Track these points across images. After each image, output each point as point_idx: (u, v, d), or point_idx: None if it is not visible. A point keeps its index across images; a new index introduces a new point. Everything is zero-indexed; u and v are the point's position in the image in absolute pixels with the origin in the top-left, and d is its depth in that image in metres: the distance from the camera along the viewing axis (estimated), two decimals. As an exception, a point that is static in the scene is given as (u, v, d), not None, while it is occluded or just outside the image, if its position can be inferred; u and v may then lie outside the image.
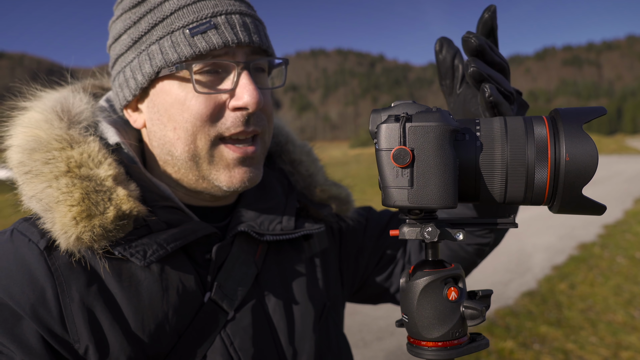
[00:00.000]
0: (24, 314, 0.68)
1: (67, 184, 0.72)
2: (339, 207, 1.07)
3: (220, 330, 0.80)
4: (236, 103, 0.79)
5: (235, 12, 0.80)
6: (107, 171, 0.76)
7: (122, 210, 0.73)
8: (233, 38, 0.78)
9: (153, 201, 0.80)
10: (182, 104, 0.79)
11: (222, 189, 0.83)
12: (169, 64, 0.78)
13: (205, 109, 0.78)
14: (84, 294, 0.71)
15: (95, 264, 0.74)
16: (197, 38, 0.77)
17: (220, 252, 0.83)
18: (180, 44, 0.77)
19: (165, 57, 0.78)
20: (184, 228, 0.79)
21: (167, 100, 0.80)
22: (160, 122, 0.82)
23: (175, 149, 0.81)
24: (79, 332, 0.70)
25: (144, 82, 0.81)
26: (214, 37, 0.77)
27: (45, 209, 0.72)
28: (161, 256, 0.75)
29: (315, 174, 1.07)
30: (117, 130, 0.85)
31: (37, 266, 0.71)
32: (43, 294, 0.70)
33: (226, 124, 0.80)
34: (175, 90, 0.80)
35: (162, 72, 0.79)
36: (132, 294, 0.74)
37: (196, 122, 0.78)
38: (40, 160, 0.74)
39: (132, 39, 0.82)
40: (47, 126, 0.78)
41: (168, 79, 0.80)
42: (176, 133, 0.80)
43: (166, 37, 0.78)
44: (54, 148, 0.75)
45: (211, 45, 0.77)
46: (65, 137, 0.77)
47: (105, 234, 0.72)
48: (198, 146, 0.80)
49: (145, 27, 0.80)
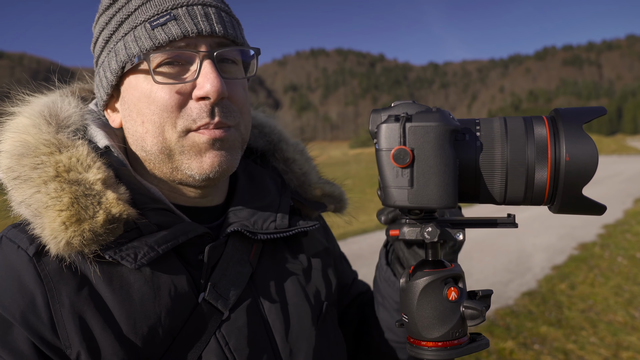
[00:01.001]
0: (14, 321, 0.68)
1: (55, 188, 0.72)
2: (332, 205, 1.07)
3: (215, 331, 0.80)
4: (198, 92, 0.78)
5: (197, 3, 0.80)
6: (96, 175, 0.75)
7: (112, 214, 0.73)
8: (193, 28, 0.78)
9: (143, 203, 0.79)
10: (148, 97, 0.79)
11: (195, 177, 0.81)
12: (131, 57, 0.78)
13: (169, 99, 0.78)
14: (74, 299, 0.71)
15: (85, 268, 0.74)
16: (157, 30, 0.77)
17: (213, 252, 0.83)
18: (141, 37, 0.78)
19: (128, 51, 0.78)
20: (175, 229, 0.79)
21: (134, 95, 0.81)
22: (131, 117, 0.82)
23: (145, 144, 0.81)
24: (70, 337, 0.70)
25: (113, 80, 0.81)
26: (173, 28, 0.77)
27: (35, 215, 0.72)
28: (152, 258, 0.74)
29: (309, 173, 1.06)
30: (106, 133, 0.85)
31: (27, 273, 0.71)
32: (33, 300, 0.69)
33: (192, 115, 0.79)
34: (141, 84, 0.80)
35: (126, 67, 0.80)
36: (124, 297, 0.74)
37: (162, 114, 0.78)
38: (29, 166, 0.74)
39: (104, 40, 0.83)
40: (35, 131, 0.77)
41: (134, 74, 0.81)
42: (144, 127, 0.80)
43: (130, 33, 0.79)
44: (42, 153, 0.75)
45: (170, 36, 0.77)
46: (53, 141, 0.77)
47: (95, 238, 0.71)
48: (167, 138, 0.79)
49: (114, 26, 0.81)
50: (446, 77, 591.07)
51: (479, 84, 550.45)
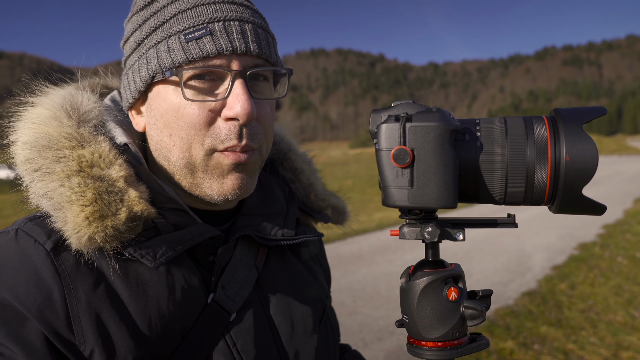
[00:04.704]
0: (29, 315, 0.68)
1: (79, 183, 0.72)
2: (336, 216, 1.08)
3: (223, 331, 0.81)
4: (227, 113, 0.78)
5: (234, 19, 0.79)
6: (119, 172, 0.75)
7: (134, 212, 0.73)
8: (227, 46, 0.76)
9: (160, 203, 0.80)
10: (177, 111, 0.78)
11: (214, 197, 0.82)
12: (163, 69, 0.77)
13: (199, 117, 0.77)
14: (91, 296, 0.71)
15: (102, 264, 0.74)
16: (191, 44, 0.76)
17: (224, 255, 0.83)
18: (175, 49, 0.76)
19: (160, 61, 0.77)
20: (190, 230, 0.80)
21: (162, 106, 0.80)
22: (157, 127, 0.82)
23: (171, 155, 0.81)
24: (85, 334, 0.70)
25: (142, 86, 0.81)
26: (208, 43, 0.76)
27: (57, 208, 0.71)
28: (170, 257, 0.75)
29: (315, 184, 1.08)
30: (123, 131, 0.85)
31: (44, 267, 0.70)
32: (50, 295, 0.69)
33: (220, 135, 0.78)
34: (170, 97, 0.79)
35: (156, 77, 0.78)
36: (140, 294, 0.74)
37: (191, 131, 0.78)
38: (51, 158, 0.74)
39: (136, 42, 0.82)
40: (57, 123, 0.77)
41: (164, 84, 0.80)
42: (172, 140, 0.80)
43: (163, 42, 0.78)
44: (65, 146, 0.75)
45: (204, 51, 0.75)
46: (75, 135, 0.76)
47: (118, 235, 0.72)
48: (193, 155, 0.79)
49: (148, 31, 0.80)
50: (446, 77, 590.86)
51: (479, 84, 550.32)
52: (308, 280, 0.99)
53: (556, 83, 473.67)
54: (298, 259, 0.99)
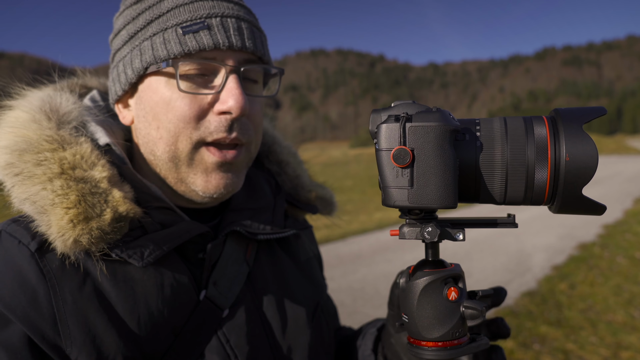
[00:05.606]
0: (13, 318, 0.67)
1: (62, 185, 0.71)
2: (323, 207, 1.08)
3: (216, 328, 0.80)
4: (220, 107, 0.78)
5: (231, 15, 0.80)
6: (102, 173, 0.75)
7: (119, 212, 0.73)
8: (225, 41, 0.77)
9: (146, 202, 0.79)
10: (167, 104, 0.78)
11: (198, 193, 0.82)
12: (158, 60, 0.77)
13: (189, 110, 0.77)
14: (78, 296, 0.70)
15: (88, 265, 0.73)
16: (188, 37, 0.76)
17: (213, 251, 0.83)
18: (171, 41, 0.77)
19: (155, 53, 0.77)
20: (178, 228, 0.79)
21: (153, 99, 0.80)
22: (146, 119, 0.81)
23: (157, 149, 0.81)
24: (72, 335, 0.69)
25: (133, 78, 0.80)
26: (205, 37, 0.77)
27: (40, 212, 0.70)
28: (158, 256, 0.74)
29: (301, 176, 1.07)
30: (105, 131, 0.85)
31: (29, 268, 0.69)
32: (35, 296, 0.68)
33: (210, 128, 0.78)
34: (161, 89, 0.79)
35: (150, 69, 0.79)
36: (128, 294, 0.74)
37: (179, 124, 0.78)
38: (32, 162, 0.72)
39: (129, 34, 0.82)
40: (36, 126, 0.76)
41: (156, 76, 0.80)
42: (159, 132, 0.79)
43: (159, 34, 0.78)
44: (46, 149, 0.74)
45: (201, 45, 0.76)
46: (56, 137, 0.75)
47: (104, 236, 0.71)
48: (179, 148, 0.79)
49: (142, 24, 0.80)
50: (446, 77, 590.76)
51: (479, 84, 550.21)
52: (300, 275, 0.98)
53: (556, 83, 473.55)
54: (288, 253, 0.99)
